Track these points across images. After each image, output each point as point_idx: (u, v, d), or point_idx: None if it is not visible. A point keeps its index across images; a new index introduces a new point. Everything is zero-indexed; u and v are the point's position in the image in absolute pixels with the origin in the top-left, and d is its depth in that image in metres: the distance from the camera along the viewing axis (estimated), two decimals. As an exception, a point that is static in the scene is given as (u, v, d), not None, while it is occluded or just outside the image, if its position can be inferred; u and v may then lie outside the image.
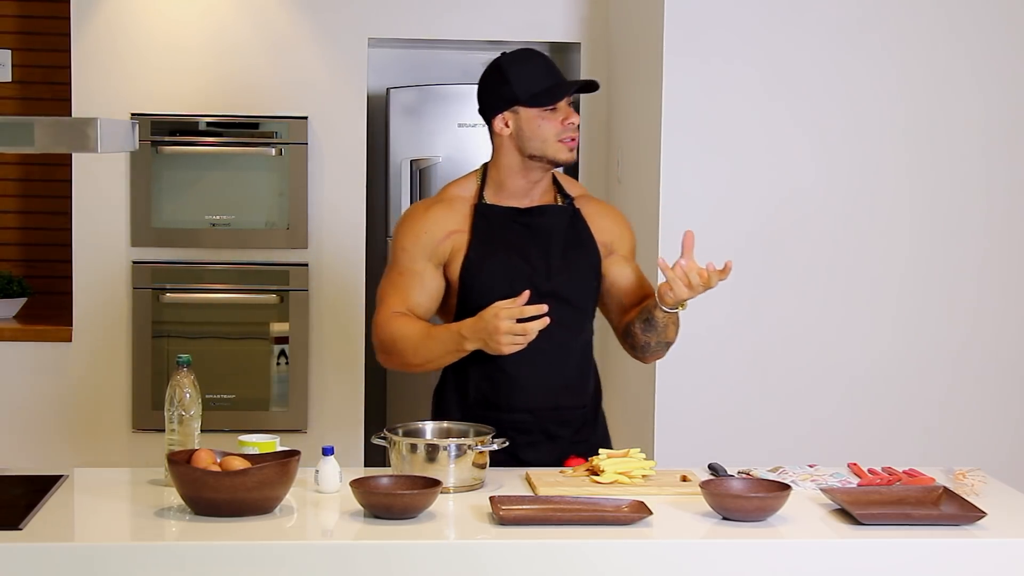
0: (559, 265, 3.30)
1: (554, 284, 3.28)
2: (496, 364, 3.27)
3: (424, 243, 3.29)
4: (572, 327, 3.32)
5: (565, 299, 3.28)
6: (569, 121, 3.26)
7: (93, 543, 2.67)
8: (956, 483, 3.09)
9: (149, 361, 5.44)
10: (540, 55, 3.34)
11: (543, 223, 3.32)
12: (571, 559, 2.67)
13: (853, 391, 4.74)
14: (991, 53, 4.71)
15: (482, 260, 3.27)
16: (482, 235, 3.29)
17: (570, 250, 3.32)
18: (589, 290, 3.35)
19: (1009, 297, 4.78)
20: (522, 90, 3.26)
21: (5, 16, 5.95)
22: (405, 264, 3.31)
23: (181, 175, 5.46)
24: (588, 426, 3.39)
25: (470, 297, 3.27)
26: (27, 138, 2.83)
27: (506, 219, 3.31)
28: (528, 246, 3.30)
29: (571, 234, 3.33)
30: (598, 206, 3.43)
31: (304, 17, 5.48)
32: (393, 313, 3.27)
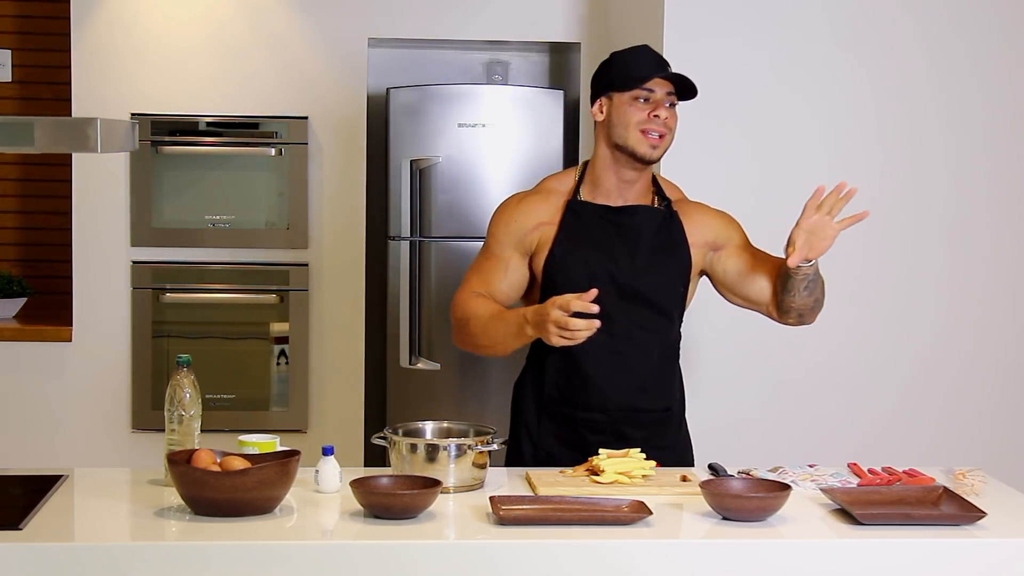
0: (645, 266, 3.28)
1: (638, 285, 3.27)
2: (573, 361, 3.27)
3: (513, 231, 3.32)
4: (653, 329, 3.31)
5: (648, 300, 3.28)
6: (655, 114, 3.24)
7: (93, 543, 2.68)
8: (956, 483, 3.09)
9: (149, 361, 5.44)
10: (650, 49, 3.32)
11: (633, 223, 3.30)
12: (571, 559, 2.67)
13: (853, 391, 4.74)
14: (993, 53, 4.72)
15: (565, 255, 3.28)
16: (570, 230, 3.29)
17: (659, 251, 3.30)
18: (674, 293, 3.32)
19: (1010, 298, 4.78)
20: (618, 75, 3.26)
21: (5, 16, 5.95)
22: (493, 250, 3.34)
23: (181, 175, 5.45)
24: (664, 429, 3.36)
25: (552, 291, 3.25)
26: (27, 138, 2.83)
27: (596, 216, 3.30)
28: (615, 245, 3.28)
29: (663, 235, 3.31)
30: (696, 207, 3.41)
31: (304, 17, 5.48)
32: (472, 293, 3.29)
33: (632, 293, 3.26)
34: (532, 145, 5.49)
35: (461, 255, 5.46)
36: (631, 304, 3.25)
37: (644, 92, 3.25)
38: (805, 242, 3.14)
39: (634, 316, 3.24)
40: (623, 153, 3.28)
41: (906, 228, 4.73)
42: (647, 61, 3.28)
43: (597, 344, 3.16)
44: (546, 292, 3.29)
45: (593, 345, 3.14)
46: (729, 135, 4.66)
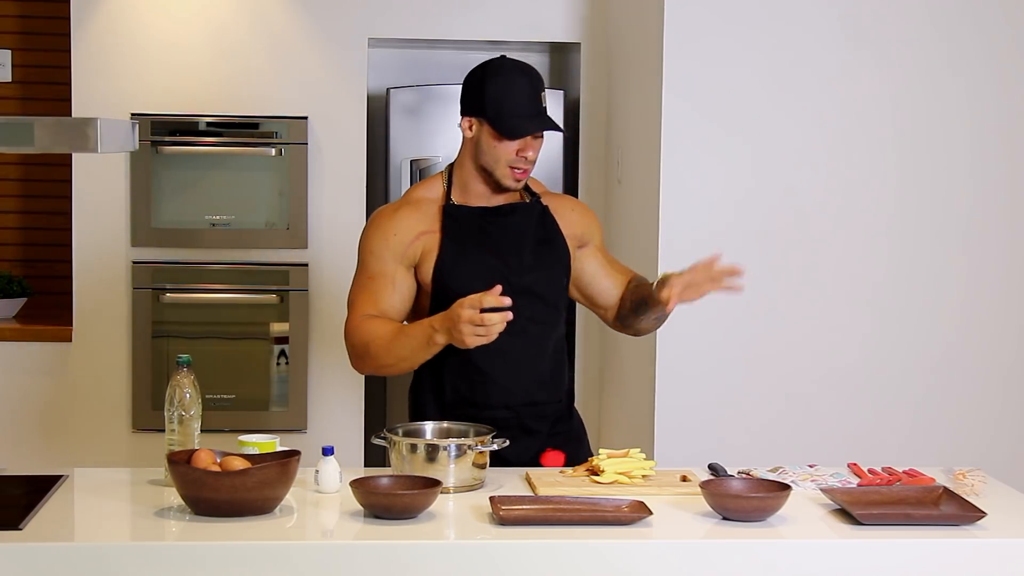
0: (530, 262, 3.32)
1: (527, 281, 3.30)
2: (471, 361, 3.28)
3: (393, 245, 3.30)
4: (546, 323, 3.35)
5: (538, 295, 3.32)
6: (523, 154, 3.25)
7: (93, 543, 2.68)
8: (956, 483, 3.09)
9: (149, 361, 5.44)
10: (527, 75, 3.29)
11: (512, 221, 3.34)
12: (571, 559, 2.67)
13: (853, 391, 4.73)
14: (1009, 49, 4.71)
15: (455, 260, 3.29)
16: (453, 235, 3.30)
17: (540, 247, 3.35)
18: (560, 286, 3.39)
19: (1011, 298, 4.77)
20: (490, 108, 3.26)
21: (5, 16, 5.95)
22: (375, 268, 3.31)
23: (181, 175, 5.45)
24: (564, 419, 3.43)
25: (445, 297, 3.26)
26: (27, 138, 2.83)
27: (475, 218, 3.32)
28: (499, 244, 3.31)
29: (540, 231, 3.36)
30: (563, 201, 3.48)
31: (304, 17, 5.48)
32: (364, 316, 3.27)
33: (522, 290, 3.27)
34: (532, 145, 5.48)
35: (461, 255, 5.45)
36: (522, 300, 3.24)
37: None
38: (683, 290, 3.21)
39: (526, 312, 3.26)
40: (486, 175, 3.31)
41: (918, 229, 4.72)
42: (523, 110, 3.25)
43: (495, 343, 3.17)
44: (438, 299, 3.29)
45: (491, 344, 3.16)
46: (729, 135, 4.65)
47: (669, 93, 4.62)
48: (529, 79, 3.29)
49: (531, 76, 3.30)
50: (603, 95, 5.57)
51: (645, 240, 4.76)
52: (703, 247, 4.62)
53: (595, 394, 5.58)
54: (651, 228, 4.68)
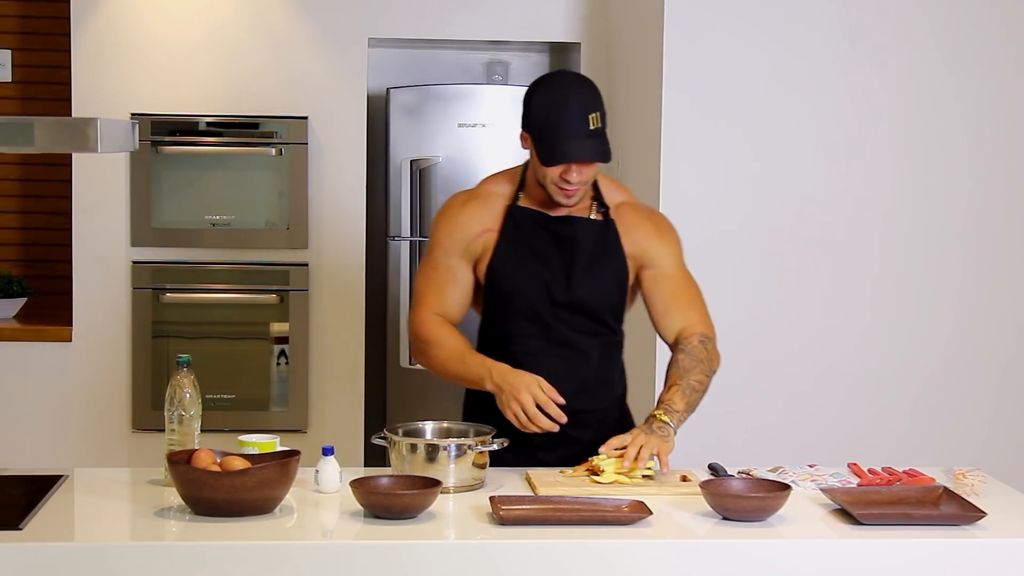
0: (581, 277, 3.28)
1: (573, 295, 3.28)
2: (516, 366, 3.26)
3: (458, 239, 3.32)
4: (592, 334, 3.32)
5: (584, 309, 3.29)
6: (566, 177, 3.18)
7: (93, 543, 2.68)
8: (956, 483, 3.09)
9: (149, 361, 5.44)
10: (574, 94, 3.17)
11: (570, 233, 3.29)
12: (571, 559, 2.67)
13: (853, 391, 4.73)
14: (1005, 50, 4.71)
15: (505, 264, 3.29)
16: (510, 238, 3.30)
17: (595, 262, 3.29)
18: (611, 302, 3.32)
19: (1008, 297, 4.77)
20: (535, 127, 3.21)
21: (5, 16, 5.95)
22: (440, 259, 3.34)
23: (181, 175, 5.45)
24: (609, 429, 3.35)
25: (494, 298, 3.31)
26: (27, 138, 2.83)
27: (535, 224, 3.30)
28: (552, 254, 3.29)
29: (599, 246, 3.30)
30: (635, 217, 3.36)
31: (304, 17, 5.48)
32: (434, 317, 3.31)
33: (567, 303, 3.28)
34: (532, 145, 5.48)
35: (461, 255, 5.46)
36: (567, 312, 3.28)
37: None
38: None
39: (570, 322, 3.28)
40: (544, 189, 3.27)
41: (915, 229, 4.72)
42: (562, 133, 3.16)
43: (538, 351, 3.25)
44: (488, 298, 3.33)
45: (534, 353, 3.23)
46: (730, 134, 4.66)
47: (669, 93, 4.62)
48: (576, 99, 3.16)
49: (580, 95, 3.17)
50: (603, 95, 5.54)
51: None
52: (703, 246, 4.64)
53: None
54: (651, 228, 4.67)
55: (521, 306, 3.29)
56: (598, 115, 3.18)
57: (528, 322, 3.29)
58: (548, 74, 3.30)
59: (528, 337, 3.30)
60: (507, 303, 3.30)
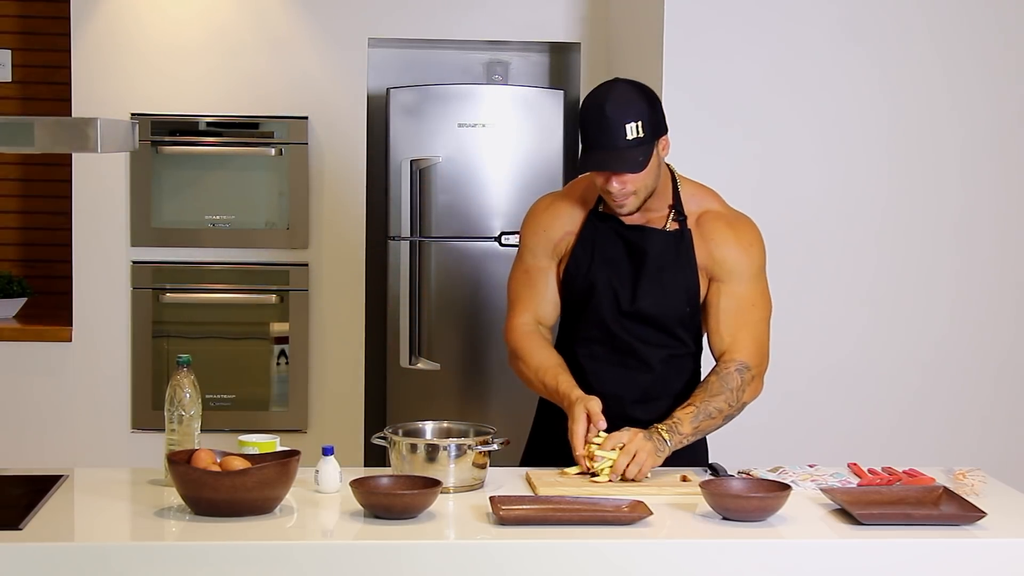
0: (648, 287, 3.28)
1: (638, 305, 3.28)
2: (579, 368, 3.31)
3: (544, 241, 3.36)
4: (656, 343, 3.32)
5: (650, 319, 3.29)
6: (605, 187, 3.19)
7: (93, 543, 2.68)
8: (956, 483, 3.09)
9: (149, 361, 5.44)
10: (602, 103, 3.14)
11: (641, 243, 3.28)
12: (571, 559, 2.67)
13: (853, 391, 4.74)
14: (1000, 49, 4.71)
15: (578, 268, 3.32)
16: (586, 243, 3.32)
17: (665, 272, 3.28)
18: (679, 313, 3.30)
19: (1004, 295, 4.77)
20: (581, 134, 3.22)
21: (5, 16, 5.95)
22: (529, 261, 3.38)
23: (181, 175, 5.45)
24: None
25: (565, 300, 3.37)
26: (27, 138, 2.83)
27: (611, 231, 3.30)
28: (623, 263, 3.29)
29: (670, 256, 3.28)
30: (714, 227, 3.31)
31: (304, 17, 5.48)
32: (525, 326, 3.35)
33: (632, 313, 3.29)
34: (532, 145, 5.49)
35: (461, 255, 5.46)
36: (633, 322, 3.30)
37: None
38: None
39: (636, 332, 3.30)
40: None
41: (912, 228, 4.72)
42: (588, 143, 3.16)
43: (601, 357, 3.30)
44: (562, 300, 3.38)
45: (597, 358, 3.29)
46: (730, 134, 4.66)
47: (669, 92, 4.62)
48: (612, 108, 3.13)
49: (618, 104, 3.14)
50: (603, 95, 5.56)
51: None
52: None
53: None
54: (651, 228, 4.67)
55: (589, 311, 3.31)
56: (638, 124, 3.13)
57: (595, 328, 3.32)
58: (602, 83, 3.26)
59: (593, 342, 3.33)
60: (577, 307, 3.33)
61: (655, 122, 3.17)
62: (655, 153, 3.18)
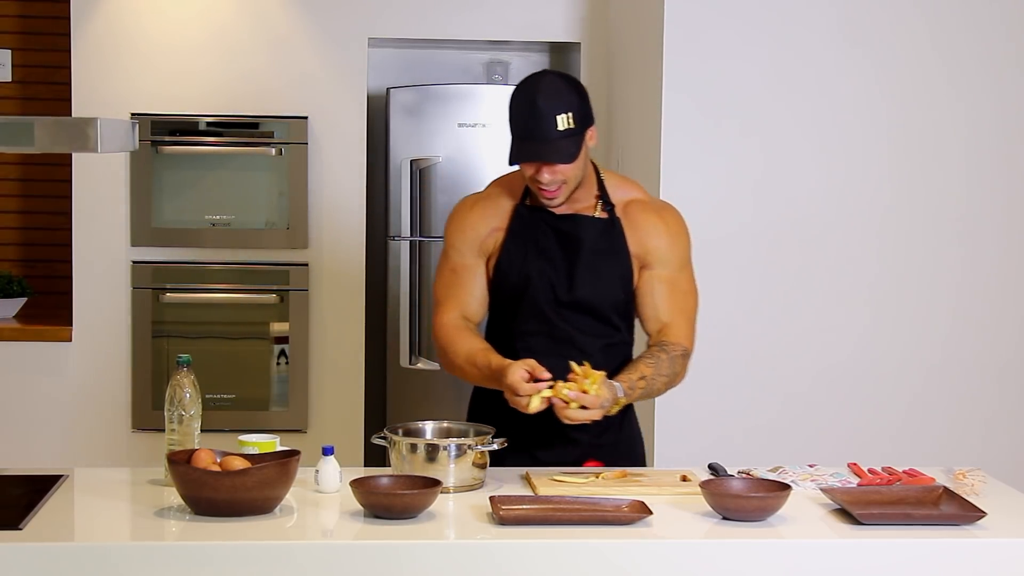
0: (584, 276, 3.29)
1: (576, 295, 3.29)
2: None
3: (471, 238, 3.35)
4: (594, 335, 3.32)
5: (587, 308, 3.30)
6: (535, 178, 3.20)
7: (93, 543, 2.68)
8: (956, 483, 3.09)
9: (149, 361, 5.44)
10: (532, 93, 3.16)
11: (574, 232, 3.29)
12: (571, 559, 2.67)
13: (853, 391, 4.73)
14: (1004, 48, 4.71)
15: (511, 262, 3.31)
16: (516, 237, 3.31)
17: (599, 260, 3.29)
18: (614, 300, 3.32)
19: (1007, 296, 4.77)
20: (510, 125, 3.22)
21: (5, 16, 5.95)
22: (456, 260, 3.36)
23: (181, 175, 5.45)
24: (611, 430, 3.36)
25: (498, 295, 3.34)
26: (27, 138, 2.83)
27: (541, 223, 3.31)
28: (557, 253, 3.30)
29: (603, 243, 3.30)
30: (641, 215, 3.34)
31: (304, 17, 5.48)
32: (452, 321, 3.32)
33: (570, 303, 3.29)
34: (532, 145, 5.48)
35: (461, 255, 5.45)
36: (571, 311, 3.30)
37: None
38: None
39: (574, 322, 3.30)
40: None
41: (914, 228, 4.72)
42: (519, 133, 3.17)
43: (540, 349, 3.25)
44: (494, 297, 3.36)
45: (536, 350, 3.23)
46: (730, 134, 4.66)
47: (669, 92, 4.62)
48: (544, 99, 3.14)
49: (549, 96, 3.15)
50: (603, 95, 5.57)
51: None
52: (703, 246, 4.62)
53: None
54: (651, 228, 4.67)
55: (526, 304, 3.30)
56: (569, 116, 3.15)
57: (532, 320, 3.31)
58: (530, 74, 3.28)
59: (531, 335, 3.31)
60: (512, 301, 3.32)
61: (584, 112, 3.19)
62: (584, 143, 3.20)
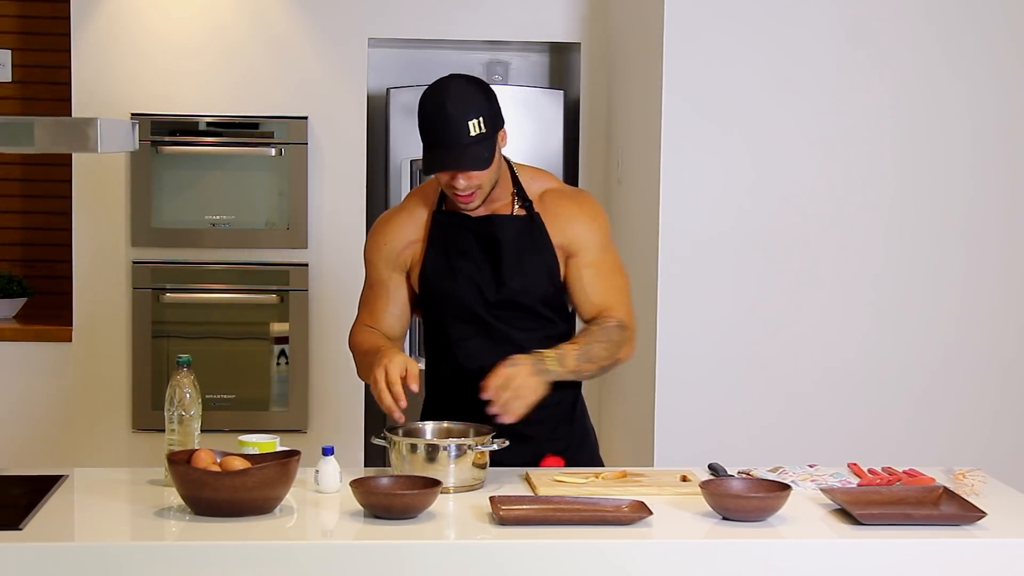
0: (510, 274, 3.28)
1: (505, 293, 3.28)
2: (460, 370, 3.29)
3: (385, 254, 3.34)
4: (531, 331, 3.31)
5: (519, 305, 3.30)
6: (450, 184, 3.19)
7: (93, 543, 2.68)
8: (956, 483, 3.09)
9: (149, 361, 5.44)
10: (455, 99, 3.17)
11: (492, 233, 3.29)
12: (571, 559, 2.67)
13: (853, 391, 4.73)
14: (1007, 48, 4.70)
15: (435, 270, 3.30)
16: (437, 244, 3.31)
17: (524, 256, 3.29)
18: (544, 294, 3.31)
19: (1009, 297, 4.77)
20: (421, 133, 3.23)
21: (5, 16, 5.95)
22: (372, 277, 3.38)
23: (181, 175, 5.45)
24: (564, 424, 3.38)
25: (428, 305, 3.34)
26: (27, 138, 2.83)
27: (460, 227, 3.30)
28: (481, 255, 3.29)
29: (525, 240, 3.30)
30: (558, 205, 3.34)
31: (304, 17, 5.49)
32: (361, 327, 3.35)
33: (500, 302, 3.29)
34: (532, 145, 5.49)
35: (461, 255, 5.45)
36: (503, 310, 3.29)
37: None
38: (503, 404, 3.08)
39: (509, 320, 3.29)
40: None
41: (917, 229, 4.71)
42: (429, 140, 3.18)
43: (478, 351, 3.26)
44: (424, 307, 3.36)
45: (474, 353, 3.25)
46: (729, 136, 4.65)
47: (669, 93, 4.62)
48: (453, 106, 3.15)
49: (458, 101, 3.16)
50: (603, 95, 5.57)
51: (645, 240, 4.76)
52: (703, 247, 4.64)
53: (595, 395, 5.58)
54: (651, 228, 4.68)
55: (456, 309, 3.30)
56: (480, 120, 3.16)
57: (466, 324, 3.30)
58: (437, 80, 3.28)
59: (468, 339, 3.31)
60: (442, 308, 3.32)
61: (494, 115, 3.20)
62: (496, 146, 3.21)
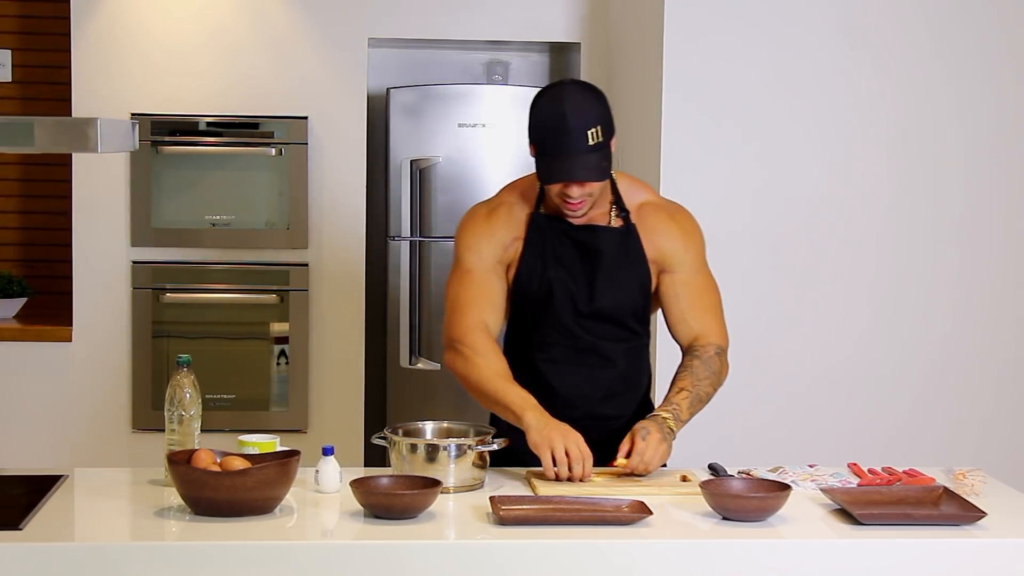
0: (604, 286, 3.27)
1: (596, 305, 3.27)
2: (539, 375, 3.29)
3: (493, 245, 3.29)
4: (616, 340, 3.31)
5: (607, 316, 3.29)
6: (564, 193, 3.16)
7: (93, 543, 2.68)
8: (956, 483, 3.09)
9: (149, 361, 5.44)
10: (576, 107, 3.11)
11: (592, 242, 3.27)
12: (571, 559, 2.67)
13: (853, 391, 4.74)
14: (1001, 49, 4.71)
15: (531, 273, 3.28)
16: (534, 247, 3.28)
17: (618, 268, 3.28)
18: (634, 307, 3.31)
19: (1006, 295, 4.78)
20: (535, 141, 3.17)
21: (5, 16, 5.95)
22: (475, 264, 3.29)
23: (181, 175, 5.45)
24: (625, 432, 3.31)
25: (518, 307, 3.31)
26: (27, 138, 2.83)
27: (558, 233, 3.28)
28: (575, 263, 3.28)
29: (620, 252, 3.28)
30: (656, 219, 3.32)
31: (304, 17, 5.48)
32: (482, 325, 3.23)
33: (590, 313, 3.28)
34: (532, 145, 5.48)
35: (461, 255, 5.45)
36: (592, 321, 3.28)
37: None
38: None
39: (596, 331, 3.29)
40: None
41: (914, 228, 4.72)
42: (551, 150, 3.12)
43: (562, 360, 3.27)
44: (514, 307, 3.32)
45: (558, 361, 3.26)
46: (730, 135, 4.66)
47: (669, 92, 4.62)
48: (574, 114, 3.10)
49: (579, 109, 3.11)
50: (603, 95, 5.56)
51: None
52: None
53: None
54: (651, 228, 4.67)
55: (546, 316, 3.29)
56: (598, 129, 3.11)
57: (553, 331, 3.29)
58: (551, 85, 3.23)
59: (552, 346, 3.30)
60: (533, 312, 3.30)
61: (609, 123, 3.17)
62: (611, 155, 3.18)
